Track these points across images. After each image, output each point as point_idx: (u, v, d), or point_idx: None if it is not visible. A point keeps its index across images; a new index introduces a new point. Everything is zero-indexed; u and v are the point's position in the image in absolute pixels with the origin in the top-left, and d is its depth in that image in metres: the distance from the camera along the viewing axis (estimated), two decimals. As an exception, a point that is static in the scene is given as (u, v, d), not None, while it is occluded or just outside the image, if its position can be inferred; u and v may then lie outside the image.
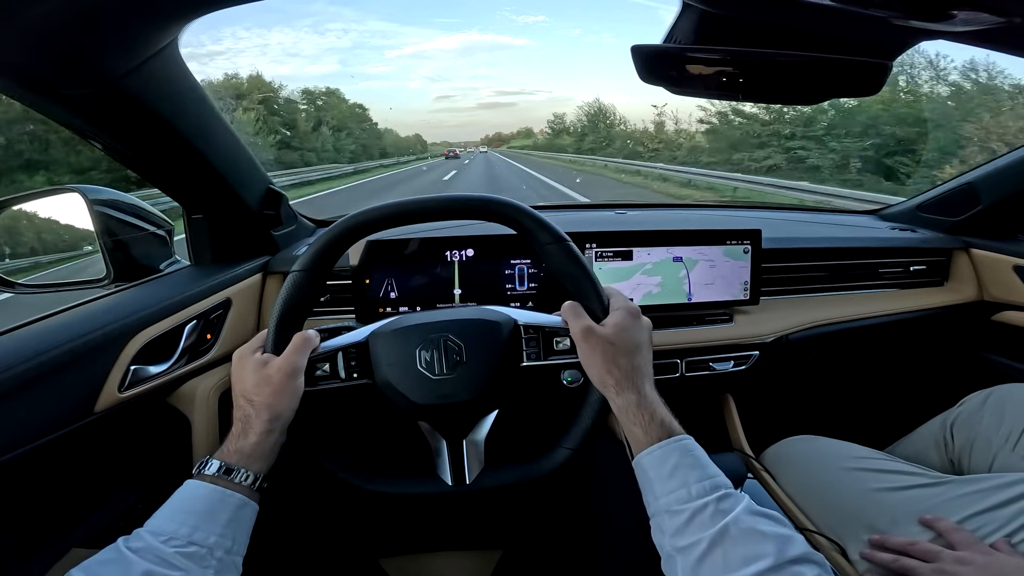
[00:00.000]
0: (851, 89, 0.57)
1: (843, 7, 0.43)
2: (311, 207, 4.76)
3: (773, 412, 1.05)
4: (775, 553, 0.39)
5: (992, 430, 0.74)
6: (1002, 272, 0.99)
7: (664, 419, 0.48)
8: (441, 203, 0.55)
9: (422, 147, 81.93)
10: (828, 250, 1.01)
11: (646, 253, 0.87)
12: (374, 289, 0.82)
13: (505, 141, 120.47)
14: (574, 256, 0.53)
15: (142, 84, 0.53)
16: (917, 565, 0.57)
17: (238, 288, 0.79)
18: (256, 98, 27.96)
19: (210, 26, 13.25)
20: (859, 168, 9.13)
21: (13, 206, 0.75)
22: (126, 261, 0.77)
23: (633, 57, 0.56)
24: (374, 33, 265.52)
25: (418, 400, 0.53)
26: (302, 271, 0.53)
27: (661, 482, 0.45)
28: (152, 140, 0.62)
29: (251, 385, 0.50)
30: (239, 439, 0.48)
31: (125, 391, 0.60)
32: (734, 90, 0.60)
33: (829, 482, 0.74)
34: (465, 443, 0.56)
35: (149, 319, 0.64)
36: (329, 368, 0.54)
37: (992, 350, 1.06)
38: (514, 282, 0.84)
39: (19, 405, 0.50)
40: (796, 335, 0.92)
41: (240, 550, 0.45)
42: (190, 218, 0.81)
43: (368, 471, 0.56)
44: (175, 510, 0.44)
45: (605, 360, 0.49)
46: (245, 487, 0.47)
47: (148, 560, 0.40)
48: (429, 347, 0.54)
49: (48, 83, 0.49)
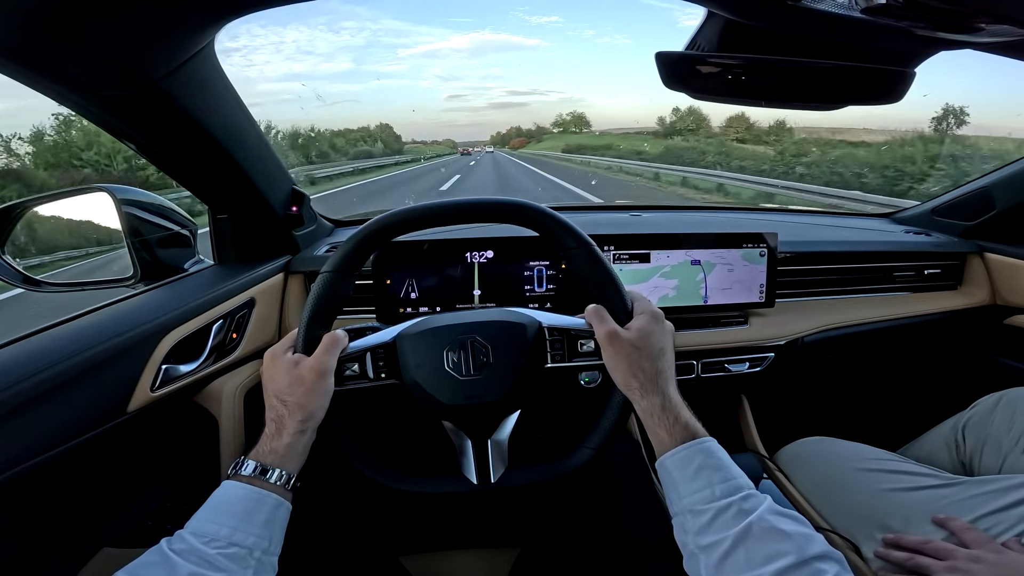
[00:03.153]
0: (874, 96, 0.58)
1: (869, 18, 0.44)
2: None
3: (787, 413, 1.06)
4: (796, 551, 0.40)
5: (1003, 432, 0.74)
6: (1016, 276, 0.99)
7: (688, 421, 0.49)
8: (468, 206, 0.55)
9: (395, 145, 60.33)
10: (842, 254, 1.01)
11: (664, 255, 0.87)
12: (395, 289, 0.83)
13: (529, 138, 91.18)
14: (599, 260, 0.54)
15: (180, 85, 0.54)
16: (931, 563, 0.58)
17: (261, 288, 0.80)
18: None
19: (228, 25, 13.40)
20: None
21: (44, 204, 0.77)
22: (152, 260, 0.78)
23: (657, 63, 0.57)
24: (388, 32, 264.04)
25: (446, 400, 0.54)
26: (333, 272, 0.54)
27: (685, 483, 0.46)
28: (186, 141, 0.63)
29: (284, 385, 0.50)
30: (273, 439, 0.49)
31: (157, 390, 0.61)
32: (756, 96, 0.61)
33: (843, 482, 0.75)
34: (490, 443, 0.57)
35: (179, 319, 0.65)
36: (358, 368, 0.55)
37: (1004, 353, 1.06)
38: (533, 283, 0.85)
39: (55, 405, 0.51)
40: (811, 338, 0.93)
41: (276, 550, 0.46)
42: (215, 218, 0.82)
43: (394, 470, 0.57)
44: (215, 511, 0.45)
45: (630, 364, 0.50)
46: (279, 487, 0.47)
47: (191, 562, 0.40)
48: (456, 348, 0.55)
49: (91, 85, 0.50)
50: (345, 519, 0.71)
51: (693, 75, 0.59)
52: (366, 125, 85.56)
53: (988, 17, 0.41)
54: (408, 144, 75.76)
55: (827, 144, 17.04)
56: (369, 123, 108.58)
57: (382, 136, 61.15)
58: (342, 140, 46.37)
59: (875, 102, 0.58)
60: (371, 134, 59.71)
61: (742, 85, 0.59)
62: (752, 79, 0.59)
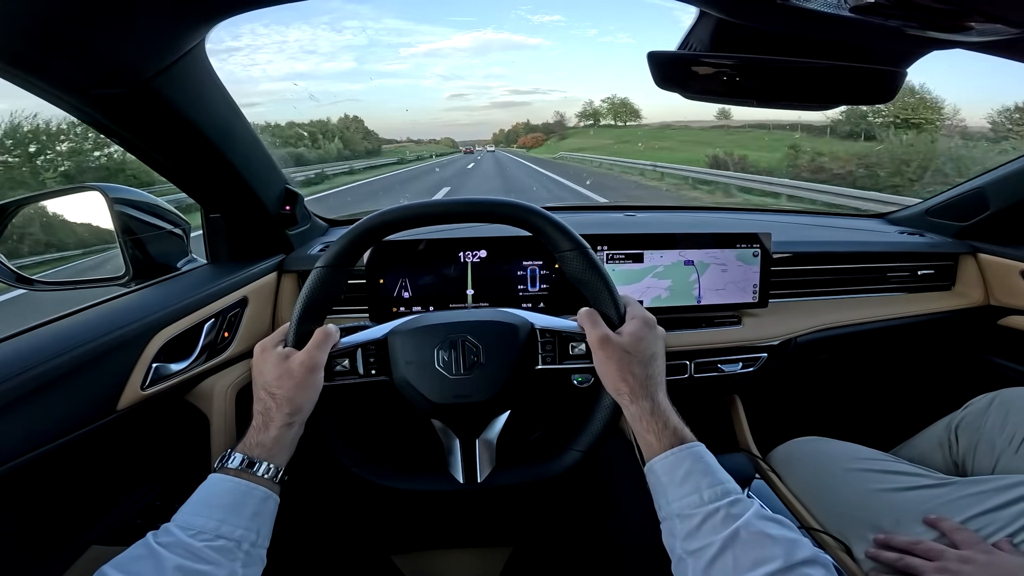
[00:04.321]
0: (865, 96, 0.58)
1: (860, 18, 0.44)
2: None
3: (780, 413, 1.06)
4: (784, 556, 0.40)
5: (996, 433, 0.75)
6: (1009, 277, 1.00)
7: (676, 427, 0.49)
8: (462, 206, 0.56)
9: (361, 144, 45.37)
10: (836, 254, 1.01)
11: (658, 256, 0.87)
12: (388, 288, 0.83)
13: (547, 134, 74.69)
14: (593, 263, 0.54)
15: (171, 85, 0.54)
16: (921, 564, 0.58)
17: (254, 287, 0.80)
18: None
19: (230, 23, 13.03)
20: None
21: (36, 203, 0.76)
22: (144, 259, 0.78)
23: (649, 63, 0.57)
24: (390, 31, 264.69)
25: (434, 399, 0.54)
26: (326, 267, 0.54)
27: (674, 487, 0.46)
28: (177, 140, 0.63)
29: (272, 378, 0.50)
30: (260, 432, 0.49)
31: (147, 388, 0.61)
32: (749, 96, 0.61)
33: (835, 483, 0.75)
34: (478, 442, 0.57)
35: (170, 317, 0.65)
36: (348, 364, 0.55)
37: (998, 354, 1.07)
38: (526, 283, 0.85)
39: (45, 403, 0.51)
40: (804, 338, 0.93)
41: (264, 543, 0.46)
42: (208, 217, 0.82)
43: (381, 467, 0.57)
44: (201, 504, 0.45)
45: (620, 368, 0.50)
46: (267, 480, 0.47)
47: (178, 555, 0.40)
48: (447, 347, 0.55)
49: (81, 84, 0.50)
50: (338, 517, 0.71)
51: (686, 75, 0.59)
52: (323, 118, 67.21)
53: (981, 17, 0.41)
54: (403, 143, 67.95)
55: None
56: (365, 119, 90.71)
57: (345, 133, 46.49)
58: (268, 136, 27.56)
59: (866, 102, 0.58)
60: (328, 129, 45.86)
61: (734, 85, 0.59)
62: (744, 79, 0.59)
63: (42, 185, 9.83)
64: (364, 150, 42.14)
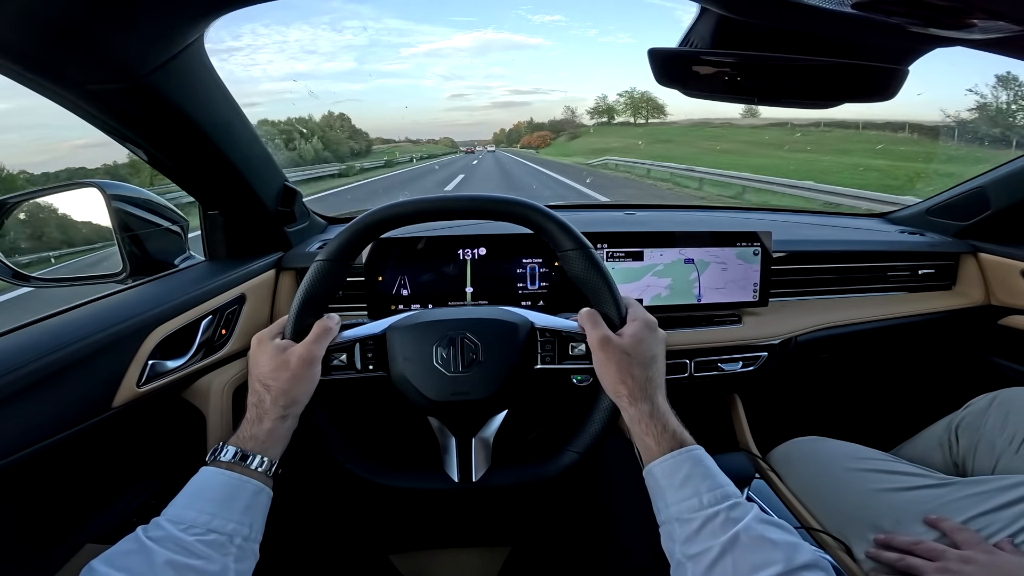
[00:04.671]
0: (867, 94, 0.57)
1: (861, 14, 0.43)
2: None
3: (780, 413, 1.06)
4: (784, 560, 0.40)
5: (996, 433, 0.74)
6: (1009, 276, 0.99)
7: (676, 430, 0.49)
8: (465, 202, 0.55)
9: (345, 145, 40.33)
10: (836, 253, 1.01)
11: (658, 254, 0.87)
12: (386, 286, 0.82)
13: (555, 133, 66.03)
14: (596, 263, 0.54)
15: (168, 80, 0.54)
16: (922, 564, 0.58)
17: (252, 284, 0.80)
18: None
19: (230, 23, 13.04)
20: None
21: (33, 200, 0.76)
22: (142, 256, 0.77)
23: (650, 60, 0.57)
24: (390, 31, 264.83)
25: (432, 396, 0.54)
26: (327, 261, 0.54)
27: (673, 491, 0.46)
28: (175, 136, 0.63)
29: (268, 370, 0.50)
30: (254, 425, 0.49)
31: (143, 386, 0.61)
32: (749, 93, 0.61)
33: (835, 482, 0.75)
34: (474, 441, 0.57)
35: (167, 314, 0.64)
36: (346, 359, 0.55)
37: (998, 353, 1.07)
38: (525, 281, 0.84)
39: (39, 400, 0.51)
40: (804, 337, 0.92)
41: (257, 537, 0.46)
42: (206, 214, 0.82)
43: (375, 464, 0.57)
44: (193, 497, 0.44)
45: (620, 370, 0.50)
46: (260, 473, 0.47)
47: (169, 549, 0.40)
48: (446, 344, 0.54)
49: (77, 79, 0.50)
50: (335, 515, 0.70)
51: (686, 72, 0.59)
52: (305, 115, 61.84)
53: (983, 14, 0.40)
54: (400, 143, 63.77)
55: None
56: (362, 120, 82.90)
57: (327, 132, 42.41)
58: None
59: (868, 99, 0.58)
60: (309, 127, 42.71)
61: (736, 83, 0.59)
62: (746, 77, 0.58)
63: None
64: (350, 151, 38.34)
